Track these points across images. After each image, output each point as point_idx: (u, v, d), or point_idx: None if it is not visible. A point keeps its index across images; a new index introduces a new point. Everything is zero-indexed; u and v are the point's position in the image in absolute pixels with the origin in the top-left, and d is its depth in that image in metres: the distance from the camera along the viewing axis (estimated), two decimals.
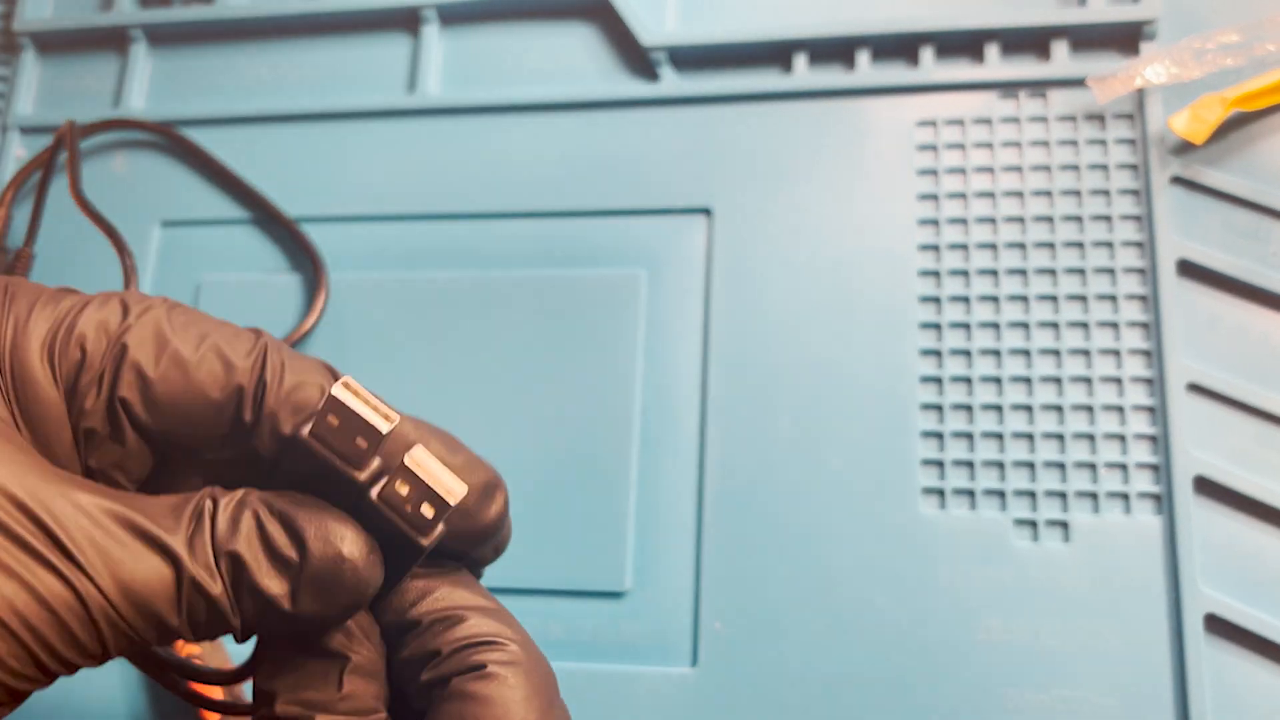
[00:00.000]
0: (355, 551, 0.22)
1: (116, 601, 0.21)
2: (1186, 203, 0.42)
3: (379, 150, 0.50)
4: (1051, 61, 0.45)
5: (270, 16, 0.52)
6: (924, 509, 0.41)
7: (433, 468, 0.22)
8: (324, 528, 0.22)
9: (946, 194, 0.44)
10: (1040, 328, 0.42)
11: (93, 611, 0.20)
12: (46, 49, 0.55)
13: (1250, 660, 0.37)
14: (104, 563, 0.20)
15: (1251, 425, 0.39)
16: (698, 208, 0.46)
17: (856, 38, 0.46)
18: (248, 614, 0.22)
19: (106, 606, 0.21)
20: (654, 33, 0.48)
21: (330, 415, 0.22)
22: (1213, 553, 0.38)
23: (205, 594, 0.21)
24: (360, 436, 0.22)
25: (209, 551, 0.21)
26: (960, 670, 0.39)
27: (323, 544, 0.22)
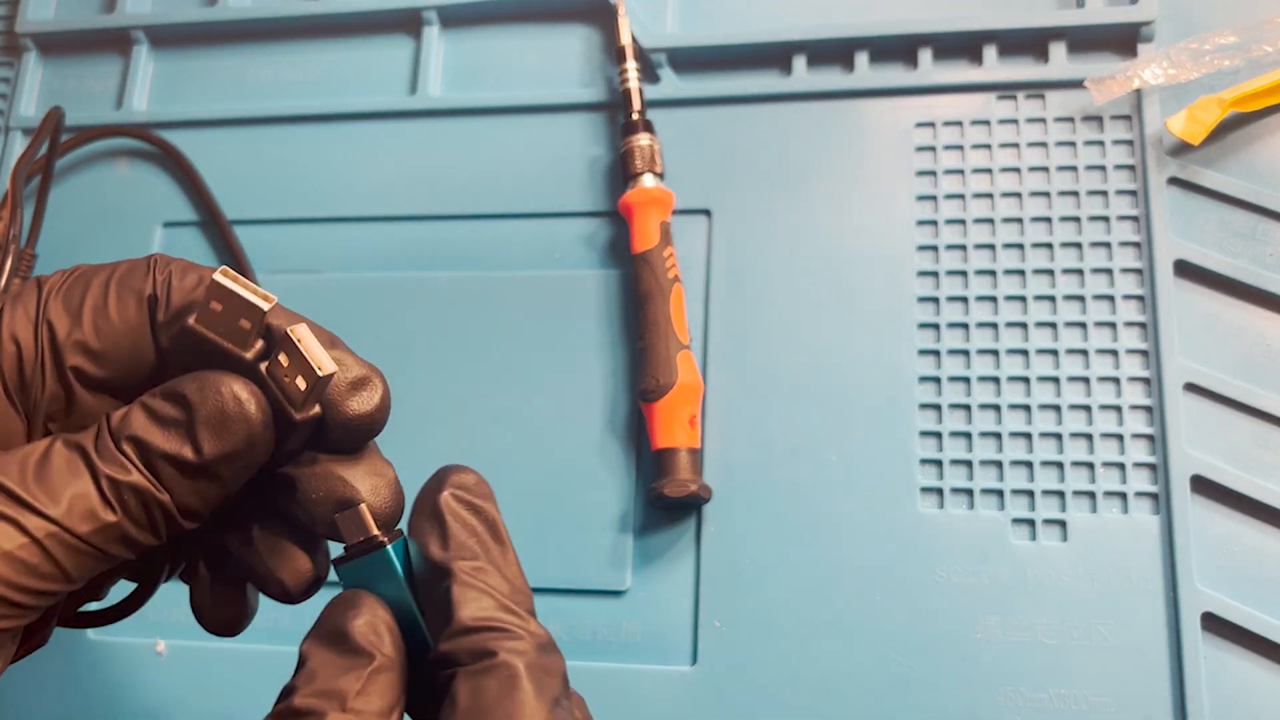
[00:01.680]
0: (235, 387, 0.24)
1: (58, 518, 0.22)
2: (1184, 203, 0.42)
3: (380, 151, 0.50)
4: (1049, 63, 0.45)
5: (272, 19, 0.52)
6: (922, 508, 0.41)
7: (310, 344, 0.24)
8: (199, 379, 0.24)
9: (945, 195, 0.44)
10: (1038, 328, 0.42)
11: (37, 536, 0.22)
12: (49, 50, 0.55)
13: (1247, 658, 0.37)
14: (41, 489, 0.23)
15: (1248, 425, 0.40)
16: (697, 208, 0.46)
17: (855, 40, 0.46)
18: (170, 483, 0.24)
19: (50, 526, 0.22)
20: (654, 34, 0.48)
21: (213, 302, 0.24)
22: (1210, 551, 0.39)
23: (124, 483, 0.23)
24: (243, 318, 0.24)
25: (112, 448, 0.23)
26: (958, 668, 0.39)
27: (200, 390, 0.24)
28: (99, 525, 0.23)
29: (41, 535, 0.22)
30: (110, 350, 0.25)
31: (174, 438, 0.24)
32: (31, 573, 0.22)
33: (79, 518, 0.23)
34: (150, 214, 0.51)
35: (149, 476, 0.24)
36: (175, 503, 0.24)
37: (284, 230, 0.49)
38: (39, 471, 0.23)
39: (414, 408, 0.45)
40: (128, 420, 0.24)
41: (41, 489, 0.23)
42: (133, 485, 0.23)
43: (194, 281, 0.26)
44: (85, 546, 0.23)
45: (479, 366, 0.46)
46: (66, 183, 0.52)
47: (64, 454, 0.23)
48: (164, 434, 0.24)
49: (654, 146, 0.45)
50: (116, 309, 0.25)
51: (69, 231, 0.51)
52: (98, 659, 0.44)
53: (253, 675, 0.43)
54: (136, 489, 0.23)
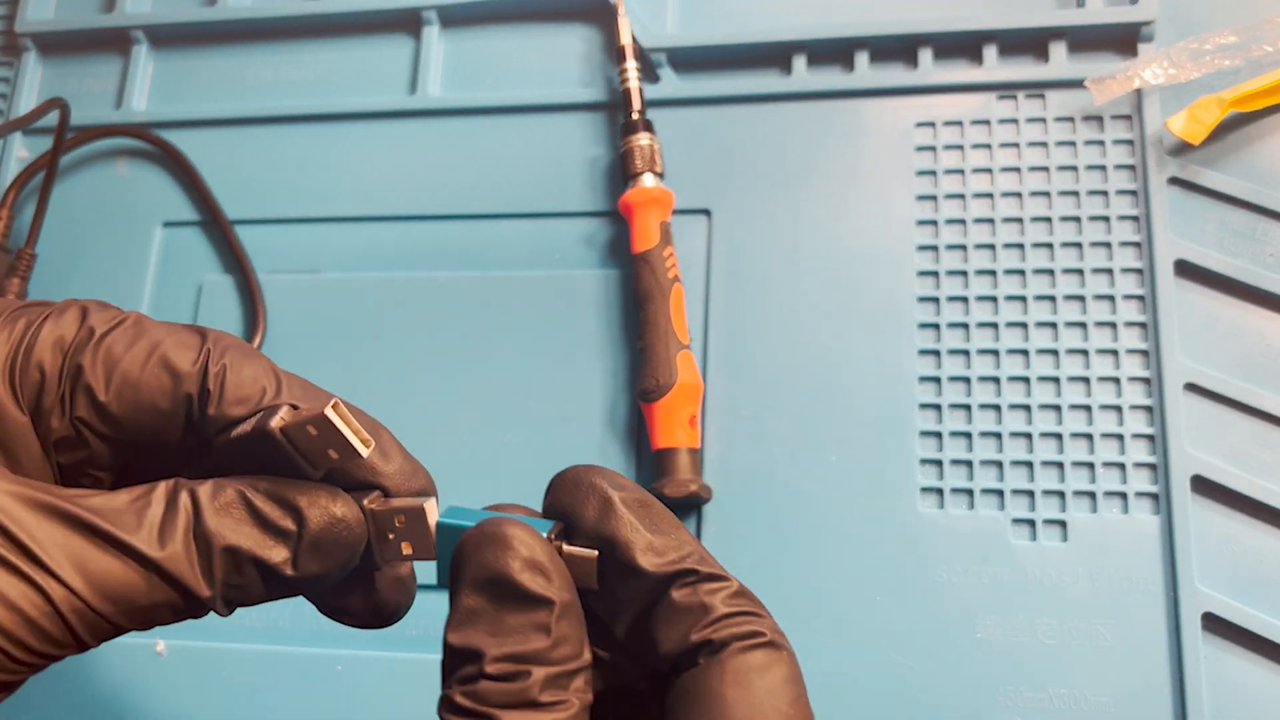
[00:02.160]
0: (348, 513, 0.24)
1: (88, 597, 0.22)
2: (1184, 203, 0.42)
3: (380, 151, 0.50)
4: (1049, 63, 0.45)
5: (272, 18, 0.52)
6: (922, 508, 0.41)
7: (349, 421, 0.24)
8: (315, 497, 0.24)
9: (945, 195, 0.44)
10: (1038, 328, 0.42)
11: (61, 609, 0.21)
12: (48, 50, 0.55)
13: (1248, 658, 0.37)
14: (71, 563, 0.22)
15: (1249, 424, 0.40)
16: (697, 208, 0.46)
17: (855, 39, 0.46)
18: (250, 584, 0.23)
19: (76, 603, 0.22)
20: (654, 34, 0.48)
21: (311, 426, 0.23)
22: (1210, 551, 0.39)
23: (174, 578, 0.22)
24: (333, 449, 0.24)
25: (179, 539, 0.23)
26: (958, 669, 0.39)
27: (318, 510, 0.24)
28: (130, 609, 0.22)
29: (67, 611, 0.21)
30: (127, 420, 0.25)
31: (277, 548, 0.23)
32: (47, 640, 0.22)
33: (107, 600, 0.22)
34: (150, 214, 0.51)
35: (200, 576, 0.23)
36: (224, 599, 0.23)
37: (283, 230, 0.49)
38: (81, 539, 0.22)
39: (414, 408, 0.45)
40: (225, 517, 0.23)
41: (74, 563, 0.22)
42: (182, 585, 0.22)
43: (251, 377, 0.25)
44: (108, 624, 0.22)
45: (479, 366, 0.46)
46: (66, 182, 0.52)
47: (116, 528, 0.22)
48: (266, 541, 0.23)
49: (654, 146, 0.45)
50: (148, 387, 0.25)
51: (69, 231, 0.51)
52: (98, 659, 0.44)
53: (253, 675, 0.43)
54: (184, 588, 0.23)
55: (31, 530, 0.22)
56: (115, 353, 0.25)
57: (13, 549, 0.21)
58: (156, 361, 0.25)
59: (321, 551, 0.24)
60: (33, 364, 0.25)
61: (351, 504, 0.24)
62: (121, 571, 0.22)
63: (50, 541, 0.22)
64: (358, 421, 0.24)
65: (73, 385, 0.25)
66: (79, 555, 0.22)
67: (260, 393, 0.25)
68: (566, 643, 0.22)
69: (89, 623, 0.22)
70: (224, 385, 0.25)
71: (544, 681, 0.21)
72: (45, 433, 0.25)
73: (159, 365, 0.25)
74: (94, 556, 0.22)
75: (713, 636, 0.23)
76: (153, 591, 0.22)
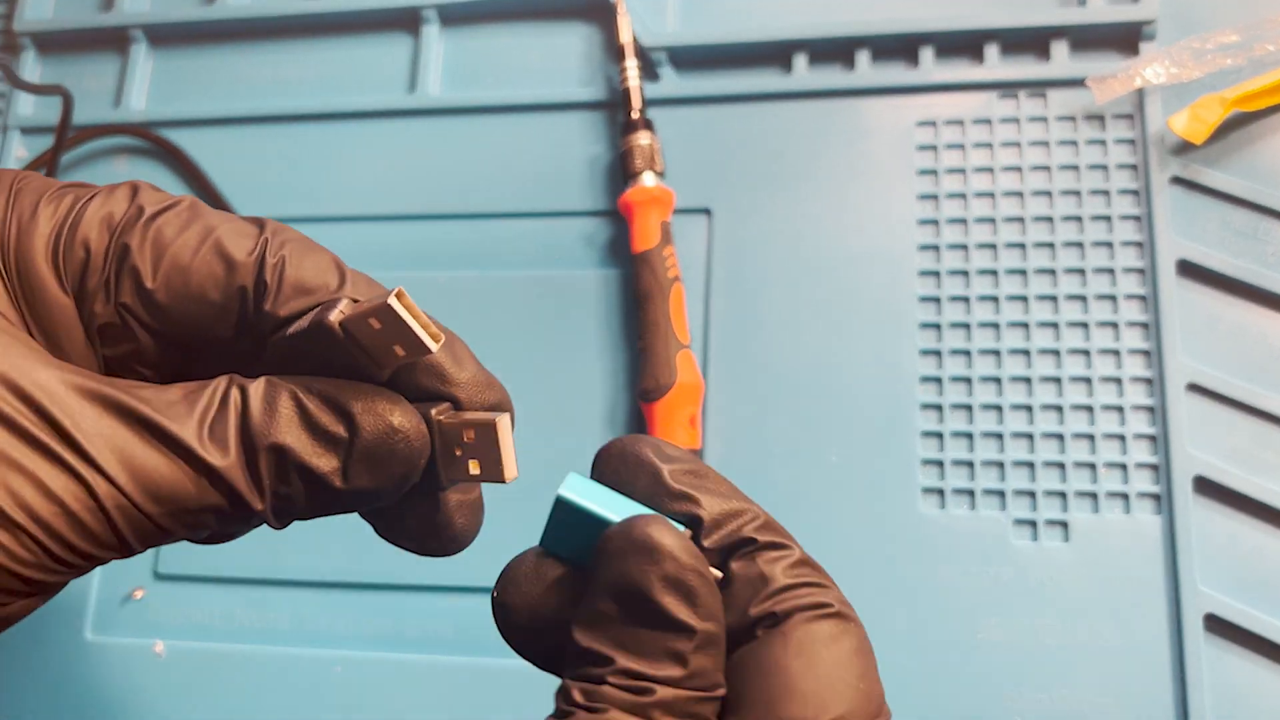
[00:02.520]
0: (407, 423, 0.22)
1: (132, 494, 0.20)
2: (1186, 203, 0.42)
3: (379, 150, 0.50)
4: (1051, 62, 0.45)
5: (271, 17, 0.52)
6: (924, 508, 0.41)
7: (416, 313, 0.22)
8: (371, 402, 0.22)
9: (946, 194, 0.44)
10: (1040, 328, 0.42)
11: (105, 505, 0.20)
12: (47, 49, 0.55)
13: (1250, 659, 0.37)
14: (116, 457, 0.20)
15: (1251, 425, 0.39)
16: (697, 207, 0.46)
17: (856, 38, 0.46)
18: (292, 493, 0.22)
19: (121, 499, 0.20)
20: (654, 33, 0.48)
21: (373, 318, 0.21)
22: (1212, 552, 0.38)
23: (224, 481, 0.21)
24: (399, 345, 0.22)
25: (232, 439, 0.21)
26: (960, 670, 0.39)
27: (373, 417, 0.22)
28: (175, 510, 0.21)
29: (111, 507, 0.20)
30: (175, 310, 0.23)
31: (325, 456, 0.22)
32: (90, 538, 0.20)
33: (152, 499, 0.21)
34: None
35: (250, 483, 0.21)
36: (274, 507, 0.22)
37: None
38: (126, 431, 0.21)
39: None
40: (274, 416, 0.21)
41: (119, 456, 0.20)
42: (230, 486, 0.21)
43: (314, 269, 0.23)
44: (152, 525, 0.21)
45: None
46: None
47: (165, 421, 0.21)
48: (315, 448, 0.21)
49: (654, 145, 0.45)
50: (199, 275, 0.23)
51: None
52: (97, 659, 0.44)
53: (253, 675, 0.43)
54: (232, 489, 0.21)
55: (77, 418, 0.20)
56: (166, 235, 0.23)
57: (56, 437, 0.20)
58: (210, 248, 0.23)
59: (374, 463, 0.22)
60: (78, 241, 0.23)
61: (412, 413, 0.22)
62: (170, 470, 0.21)
63: (96, 432, 0.20)
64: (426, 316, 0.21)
65: (118, 267, 0.23)
66: (126, 449, 0.20)
67: (322, 287, 0.23)
68: (701, 675, 0.20)
69: (134, 523, 0.21)
70: (282, 277, 0.23)
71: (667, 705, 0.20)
72: (89, 317, 0.23)
73: (212, 252, 0.23)
74: (142, 452, 0.20)
75: (775, 609, 0.21)
76: (202, 494, 0.21)
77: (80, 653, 0.44)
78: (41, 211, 0.23)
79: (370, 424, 0.22)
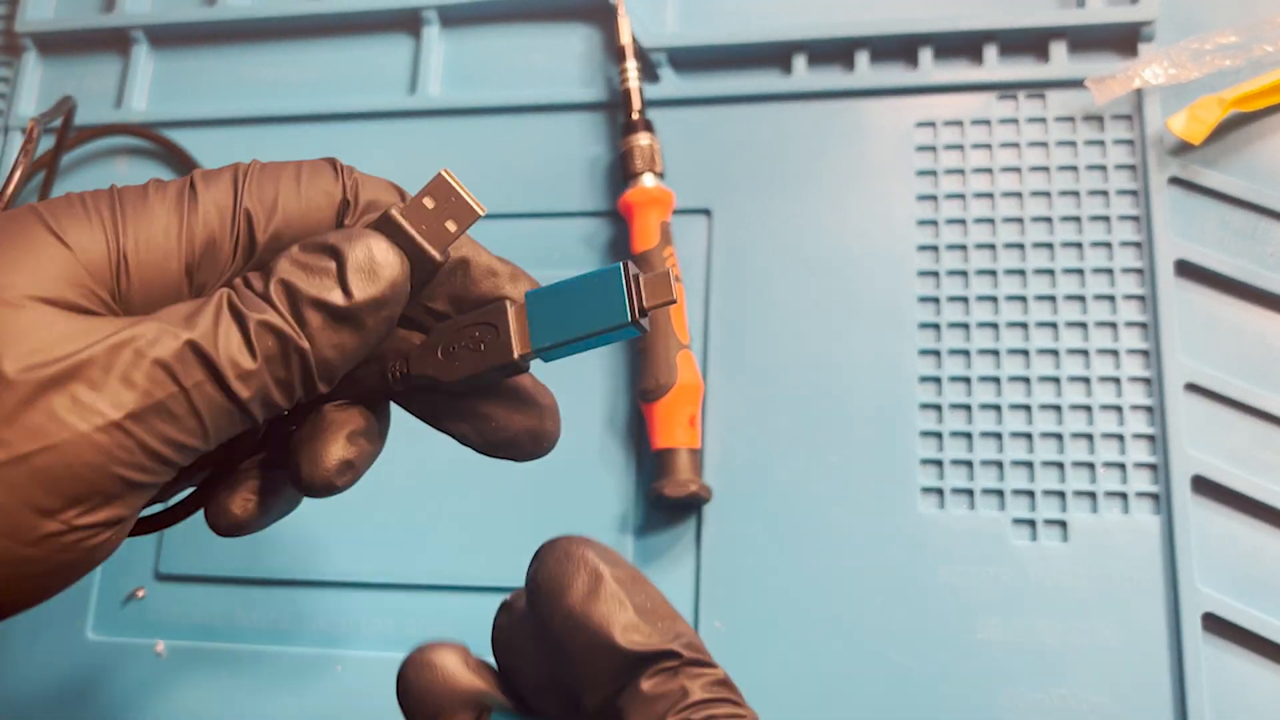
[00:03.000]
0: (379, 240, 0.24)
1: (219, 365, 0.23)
2: (1184, 203, 0.42)
3: (380, 151, 0.50)
4: (1050, 63, 0.45)
5: (272, 18, 0.52)
6: (923, 508, 0.41)
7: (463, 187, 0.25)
8: (345, 233, 0.25)
9: (945, 195, 0.44)
10: (1039, 328, 0.42)
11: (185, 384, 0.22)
12: (48, 50, 0.55)
13: (1248, 659, 0.37)
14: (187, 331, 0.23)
15: (1249, 425, 0.40)
16: (697, 208, 0.46)
17: (855, 39, 0.46)
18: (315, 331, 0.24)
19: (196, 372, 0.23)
20: (654, 34, 0.48)
21: (427, 197, 0.25)
22: (1211, 552, 0.39)
23: (268, 325, 0.23)
24: (451, 219, 0.25)
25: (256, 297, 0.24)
26: (959, 669, 0.39)
27: (349, 242, 0.24)
28: (240, 373, 0.23)
29: (189, 385, 0.22)
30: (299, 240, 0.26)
31: (323, 284, 0.24)
32: (176, 424, 0.22)
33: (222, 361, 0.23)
34: None
35: (292, 322, 0.24)
36: (315, 355, 0.24)
37: None
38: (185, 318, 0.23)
39: None
40: (275, 266, 0.24)
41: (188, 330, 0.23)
42: (274, 327, 0.23)
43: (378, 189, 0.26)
44: (224, 398, 0.23)
45: None
46: (66, 182, 0.52)
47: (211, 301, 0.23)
48: (311, 279, 0.24)
49: (654, 146, 0.45)
50: (309, 203, 0.25)
51: None
52: (98, 659, 0.44)
53: (253, 675, 0.43)
54: (278, 332, 0.23)
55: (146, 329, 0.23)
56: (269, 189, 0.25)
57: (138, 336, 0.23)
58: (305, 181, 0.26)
59: (367, 274, 0.24)
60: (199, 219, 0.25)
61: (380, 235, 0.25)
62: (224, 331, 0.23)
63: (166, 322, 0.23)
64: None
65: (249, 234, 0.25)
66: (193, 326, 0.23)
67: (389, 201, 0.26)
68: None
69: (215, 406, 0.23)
70: (359, 195, 0.26)
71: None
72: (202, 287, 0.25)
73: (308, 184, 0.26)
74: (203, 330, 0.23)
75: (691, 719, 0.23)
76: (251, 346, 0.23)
77: (81, 652, 0.45)
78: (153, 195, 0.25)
79: (348, 247, 0.24)
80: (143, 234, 0.24)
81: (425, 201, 0.25)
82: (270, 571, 0.44)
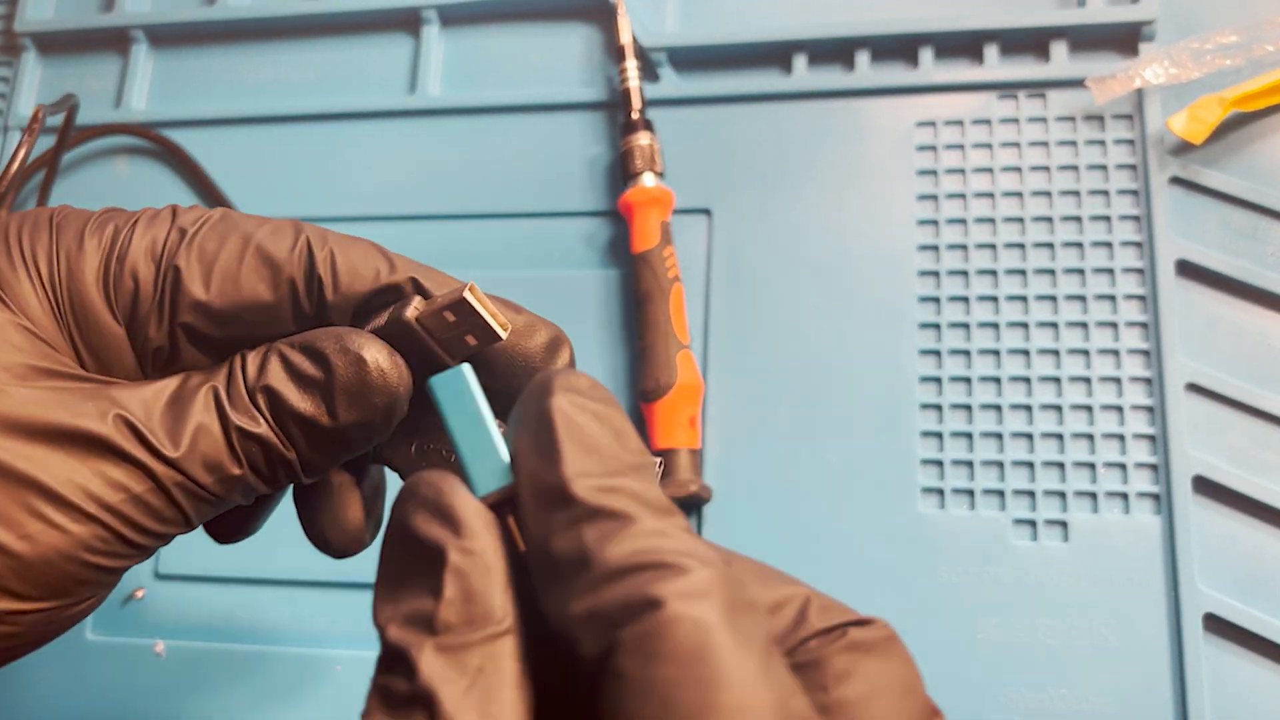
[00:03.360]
0: (377, 354, 0.23)
1: (185, 466, 0.22)
2: (1185, 203, 0.42)
3: (380, 151, 0.50)
4: (1050, 62, 0.45)
5: (271, 17, 0.52)
6: (923, 508, 0.41)
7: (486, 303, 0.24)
8: (341, 340, 0.23)
9: (946, 194, 0.44)
10: (1039, 328, 0.42)
11: (165, 484, 0.22)
12: (48, 50, 0.55)
13: (1249, 659, 0.37)
14: (168, 435, 0.22)
15: (1250, 425, 0.40)
16: (697, 208, 0.46)
17: (856, 39, 0.46)
18: (298, 442, 0.23)
19: (176, 475, 0.22)
20: (654, 33, 0.48)
21: (448, 312, 0.23)
22: (1211, 552, 0.39)
23: (252, 435, 0.23)
24: (471, 335, 0.24)
25: (244, 397, 0.23)
26: (959, 669, 0.39)
27: (343, 354, 0.23)
28: (223, 477, 0.23)
29: (169, 483, 0.22)
30: (232, 316, 0.24)
31: (310, 399, 0.23)
32: (155, 516, 0.22)
33: (203, 468, 0.23)
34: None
35: (278, 432, 0.23)
36: (300, 460, 0.23)
37: None
38: (169, 412, 0.23)
39: None
40: (265, 371, 0.23)
41: (168, 432, 0.22)
42: (261, 439, 0.23)
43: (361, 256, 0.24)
44: (207, 495, 0.23)
45: None
46: (65, 182, 0.52)
47: (196, 395, 0.23)
48: (300, 393, 0.23)
49: (654, 146, 0.45)
50: (248, 280, 0.24)
51: None
52: (97, 659, 0.44)
53: (253, 675, 0.43)
54: (264, 443, 0.23)
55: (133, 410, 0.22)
56: (209, 249, 0.24)
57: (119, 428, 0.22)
58: (253, 252, 0.24)
59: (355, 397, 0.23)
60: (127, 271, 0.24)
61: (383, 346, 0.23)
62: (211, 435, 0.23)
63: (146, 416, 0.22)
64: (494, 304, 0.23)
65: (173, 290, 0.24)
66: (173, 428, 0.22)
67: (375, 272, 0.25)
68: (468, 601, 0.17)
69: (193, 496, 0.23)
70: (336, 268, 0.24)
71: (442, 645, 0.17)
72: (142, 344, 0.24)
73: (255, 256, 0.24)
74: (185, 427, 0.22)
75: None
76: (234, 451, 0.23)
77: (81, 652, 0.45)
78: (88, 244, 0.24)
79: (342, 362, 0.23)
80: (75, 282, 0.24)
81: (446, 315, 0.23)
82: (270, 571, 0.44)
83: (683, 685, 0.15)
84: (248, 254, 0.24)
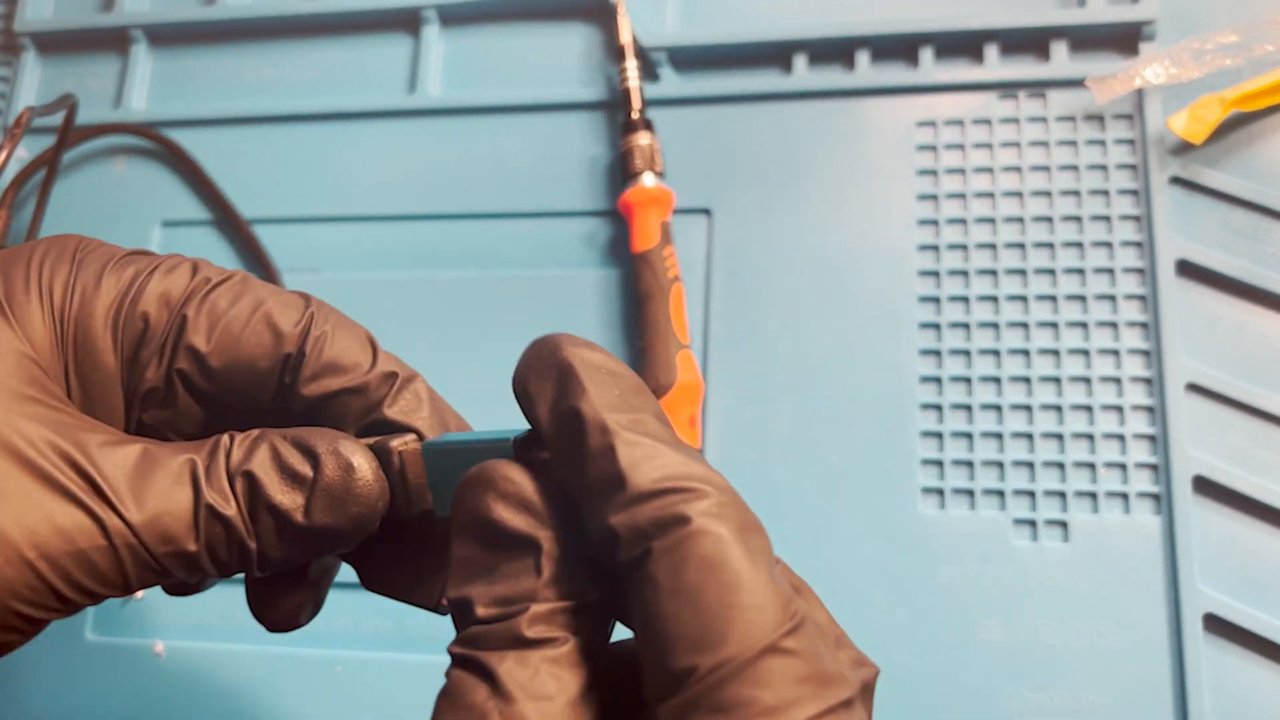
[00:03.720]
0: (365, 464, 0.24)
1: (141, 531, 0.22)
2: (1185, 203, 0.42)
3: (379, 151, 0.50)
4: (1051, 62, 0.45)
5: (271, 17, 0.52)
6: (923, 508, 0.41)
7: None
8: (335, 444, 0.24)
9: (946, 194, 0.44)
10: (1039, 328, 0.42)
11: (115, 543, 0.22)
12: (47, 49, 0.55)
13: (1249, 659, 0.37)
14: (133, 496, 0.22)
15: (1250, 425, 0.40)
16: (697, 208, 0.46)
17: (856, 38, 0.46)
18: (264, 532, 0.23)
19: (130, 537, 0.22)
20: (654, 33, 0.48)
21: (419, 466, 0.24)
22: (1212, 552, 0.38)
23: (220, 516, 0.23)
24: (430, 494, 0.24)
25: (223, 477, 0.23)
26: (959, 670, 0.39)
27: (334, 456, 0.23)
28: (177, 550, 0.22)
29: (120, 544, 0.22)
30: (225, 375, 0.25)
31: (289, 493, 0.23)
32: (95, 576, 0.22)
33: (160, 537, 0.22)
34: (150, 212, 0.51)
35: (246, 520, 0.23)
36: (259, 551, 0.23)
37: (282, 230, 0.49)
38: (139, 471, 0.22)
39: None
40: (251, 456, 0.23)
41: (134, 493, 0.22)
42: (228, 522, 0.23)
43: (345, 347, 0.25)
44: (155, 564, 0.22)
45: (478, 366, 0.46)
46: (65, 181, 0.52)
47: (172, 463, 0.23)
48: (281, 484, 0.23)
49: (654, 145, 0.45)
50: (249, 343, 0.25)
51: (68, 229, 0.51)
52: (97, 659, 0.44)
53: (253, 675, 0.43)
54: (230, 527, 0.23)
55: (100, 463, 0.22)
56: (220, 306, 0.25)
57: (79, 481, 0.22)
58: (260, 318, 0.25)
59: (334, 502, 0.23)
60: (138, 313, 0.25)
61: (372, 459, 0.24)
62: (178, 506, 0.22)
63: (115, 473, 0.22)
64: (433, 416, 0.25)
65: (176, 336, 0.25)
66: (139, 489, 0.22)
67: (355, 366, 0.25)
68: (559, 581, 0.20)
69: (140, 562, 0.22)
70: (321, 351, 0.25)
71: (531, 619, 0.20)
72: (135, 383, 0.25)
73: (262, 322, 0.25)
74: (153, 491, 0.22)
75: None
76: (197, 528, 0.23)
77: (81, 652, 0.45)
78: (105, 281, 0.25)
79: (331, 464, 0.23)
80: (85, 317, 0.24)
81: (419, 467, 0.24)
82: None
83: (707, 588, 0.18)
84: (255, 318, 0.25)
